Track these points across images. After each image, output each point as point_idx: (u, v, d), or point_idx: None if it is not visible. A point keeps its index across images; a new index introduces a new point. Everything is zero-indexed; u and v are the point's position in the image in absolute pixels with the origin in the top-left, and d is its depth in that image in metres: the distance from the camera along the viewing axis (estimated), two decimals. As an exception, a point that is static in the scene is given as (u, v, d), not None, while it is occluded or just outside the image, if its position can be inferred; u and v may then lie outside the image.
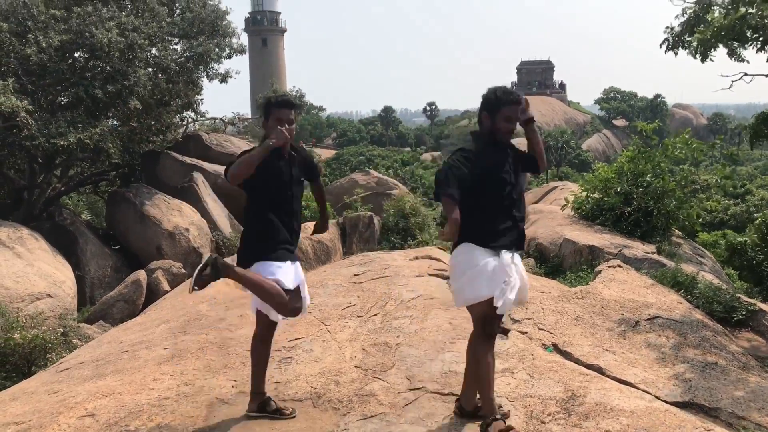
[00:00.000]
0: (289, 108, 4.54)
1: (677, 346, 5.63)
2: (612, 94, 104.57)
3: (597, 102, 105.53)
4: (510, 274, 4.02)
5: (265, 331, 4.68)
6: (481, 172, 4.04)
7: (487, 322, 4.09)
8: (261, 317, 4.60)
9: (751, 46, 9.18)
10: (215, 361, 5.76)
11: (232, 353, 5.90)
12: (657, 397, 4.60)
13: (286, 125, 4.42)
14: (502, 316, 4.17)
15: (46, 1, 18.52)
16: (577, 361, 5.26)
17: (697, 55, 10.04)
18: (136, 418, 4.73)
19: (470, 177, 3.95)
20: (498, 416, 3.94)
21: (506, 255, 4.06)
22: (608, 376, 4.92)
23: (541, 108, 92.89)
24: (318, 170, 4.94)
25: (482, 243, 4.05)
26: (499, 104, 4.16)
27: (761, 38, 8.99)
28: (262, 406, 4.61)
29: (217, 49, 21.42)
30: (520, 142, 4.48)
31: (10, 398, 5.94)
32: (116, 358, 6.49)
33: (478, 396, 4.18)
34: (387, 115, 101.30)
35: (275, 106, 4.50)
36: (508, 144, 4.27)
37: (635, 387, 4.76)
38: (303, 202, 17.62)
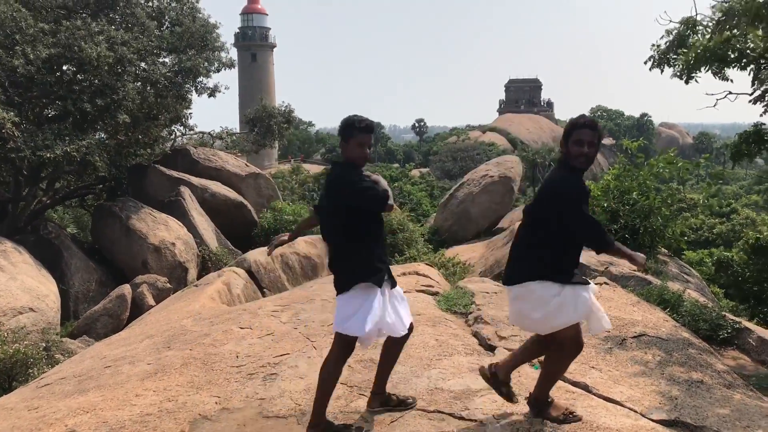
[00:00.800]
0: (370, 133, 4.37)
1: (663, 364, 5.62)
2: (599, 113, 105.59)
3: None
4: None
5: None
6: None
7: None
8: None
9: (735, 68, 9.28)
10: (199, 377, 5.70)
11: (216, 369, 5.84)
12: (643, 415, 4.58)
13: (367, 149, 4.33)
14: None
15: (35, 14, 18.48)
16: (563, 379, 5.22)
17: (682, 76, 10.15)
18: (118, 434, 4.66)
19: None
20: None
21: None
22: (594, 394, 4.90)
23: (528, 126, 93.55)
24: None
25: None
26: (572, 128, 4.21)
27: (744, 60, 9.09)
28: None
29: (206, 63, 21.44)
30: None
31: (-12, 414, 5.83)
32: (99, 373, 6.41)
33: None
34: (376, 131, 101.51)
35: (360, 130, 4.29)
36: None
37: (621, 405, 4.74)
38: (291, 216, 17.47)
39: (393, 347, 4.63)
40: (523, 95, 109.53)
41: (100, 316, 15.76)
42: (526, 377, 5.23)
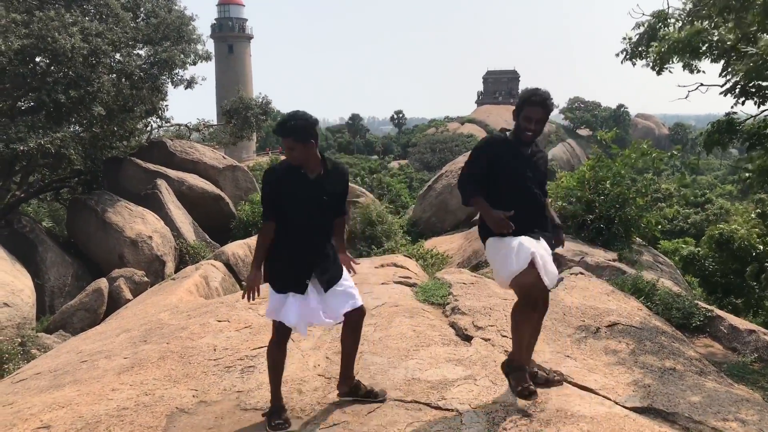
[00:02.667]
0: (285, 136, 4.31)
1: (636, 352, 5.71)
2: (576, 104, 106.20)
3: (562, 112, 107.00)
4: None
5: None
6: None
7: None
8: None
9: (707, 59, 9.40)
10: (176, 370, 5.68)
11: (193, 362, 5.83)
12: (616, 403, 4.65)
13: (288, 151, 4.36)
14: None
15: (7, 4, 18.17)
16: (539, 368, 5.29)
17: (654, 67, 10.26)
18: (94, 429, 4.65)
19: None
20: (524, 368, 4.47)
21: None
22: (569, 383, 4.96)
23: (507, 117, 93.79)
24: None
25: None
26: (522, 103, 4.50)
27: (716, 51, 9.20)
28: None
29: (182, 55, 21.25)
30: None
31: (-38, 410, 5.77)
32: (75, 368, 6.37)
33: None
34: (354, 123, 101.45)
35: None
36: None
37: (595, 393, 4.81)
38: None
39: (346, 337, 4.70)
40: (501, 87, 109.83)
41: (77, 310, 15.62)
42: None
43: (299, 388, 5.07)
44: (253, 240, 17.59)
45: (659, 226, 12.82)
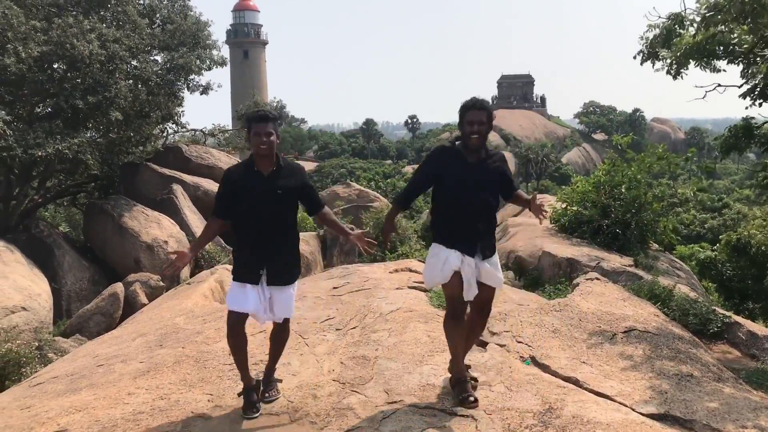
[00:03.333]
0: (266, 122, 4.66)
1: (653, 359, 5.66)
2: (591, 109, 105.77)
3: (577, 116, 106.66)
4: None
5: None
6: None
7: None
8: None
9: (725, 60, 9.32)
10: (191, 374, 5.69)
11: (208, 367, 5.84)
12: (633, 410, 4.62)
13: (264, 138, 4.62)
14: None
15: (26, 12, 18.37)
16: (555, 374, 5.27)
17: (670, 71, 10.17)
18: (110, 433, 4.67)
19: None
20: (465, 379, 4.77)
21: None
22: (585, 389, 4.93)
23: (521, 122, 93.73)
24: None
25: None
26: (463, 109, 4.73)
27: (733, 55, 9.12)
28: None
29: (198, 61, 21.36)
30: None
31: (-20, 413, 5.82)
32: (91, 372, 6.40)
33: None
34: (368, 127, 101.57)
35: (253, 120, 4.68)
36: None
37: (612, 399, 4.78)
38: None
39: (273, 338, 5.15)
40: (516, 91, 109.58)
41: (93, 314, 15.73)
42: (518, 372, 5.26)
43: (314, 393, 5.07)
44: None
45: (676, 232, 12.73)
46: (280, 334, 5.08)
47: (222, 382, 5.44)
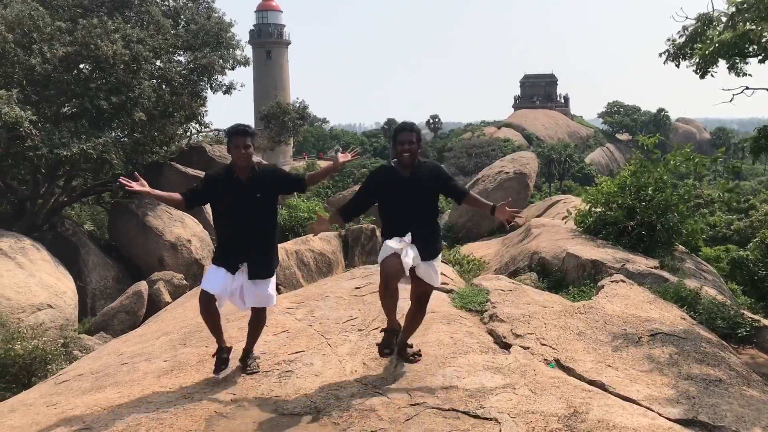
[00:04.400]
0: (245, 136, 5.20)
1: (680, 362, 5.57)
2: (615, 108, 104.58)
3: (600, 116, 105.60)
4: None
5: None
6: None
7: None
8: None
9: (756, 57, 9.17)
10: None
11: (231, 366, 5.84)
12: (660, 414, 4.54)
13: (242, 150, 5.18)
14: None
15: (52, 13, 18.60)
16: (580, 377, 5.20)
17: (698, 71, 10.04)
18: (134, 431, 4.68)
19: None
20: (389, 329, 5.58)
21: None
22: (611, 393, 4.86)
23: (544, 121, 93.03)
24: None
25: None
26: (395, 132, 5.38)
27: (763, 53, 8.98)
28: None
29: (221, 61, 21.49)
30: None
31: (8, 410, 5.88)
32: (115, 370, 6.43)
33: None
34: (390, 127, 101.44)
35: (233, 134, 5.22)
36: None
37: (638, 404, 4.70)
38: (306, 214, 17.61)
39: (252, 321, 5.68)
40: (539, 91, 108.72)
41: (117, 312, 15.88)
42: (542, 375, 5.21)
43: (336, 393, 5.05)
44: (290, 244, 17.71)
45: (702, 234, 12.53)
46: (256, 321, 5.64)
47: (245, 382, 5.44)
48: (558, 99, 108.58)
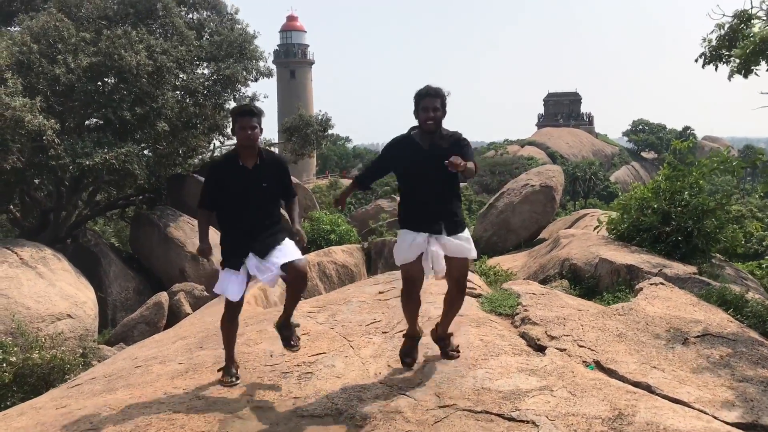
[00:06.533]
0: (251, 116, 4.91)
1: (732, 364, 5.15)
2: (640, 126, 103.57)
3: (625, 134, 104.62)
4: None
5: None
6: None
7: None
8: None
9: None
10: (231, 375, 5.41)
11: (248, 368, 5.56)
12: (715, 417, 4.14)
13: (249, 131, 4.87)
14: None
15: (77, 24, 18.65)
16: (623, 379, 4.82)
17: (740, 71, 9.62)
18: (144, 431, 4.39)
19: None
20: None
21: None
22: (658, 395, 4.47)
23: (568, 139, 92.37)
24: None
25: None
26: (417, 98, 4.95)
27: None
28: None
29: (244, 72, 21.41)
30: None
31: (17, 413, 5.69)
32: (129, 372, 6.19)
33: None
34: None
35: (238, 114, 4.93)
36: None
37: (689, 406, 4.31)
38: (328, 226, 17.39)
39: (287, 291, 5.24)
40: (562, 109, 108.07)
41: (137, 323, 15.68)
42: (581, 377, 4.83)
43: (359, 395, 4.73)
44: (312, 256, 17.45)
45: (742, 241, 12.02)
46: (294, 283, 5.10)
47: (262, 383, 5.15)
48: (582, 117, 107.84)
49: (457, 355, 5.32)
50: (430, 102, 4.87)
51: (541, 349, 5.57)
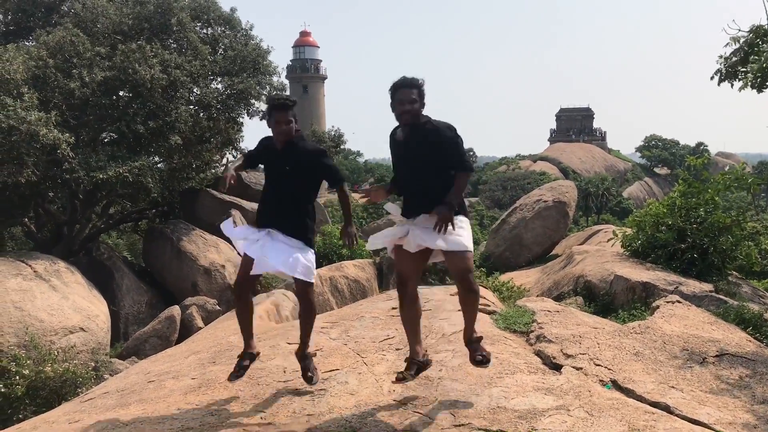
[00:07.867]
0: (285, 110, 4.97)
1: (752, 385, 5.06)
2: (653, 142, 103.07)
3: (638, 150, 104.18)
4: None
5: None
6: None
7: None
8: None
9: None
10: (244, 391, 5.39)
11: (262, 383, 5.53)
12: (737, 440, 4.07)
13: (284, 126, 4.95)
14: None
15: (92, 38, 18.83)
16: (641, 399, 4.75)
17: (754, 86, 9.56)
18: (156, 448, 4.37)
19: None
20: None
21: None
22: (677, 415, 4.40)
23: (580, 155, 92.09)
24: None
25: None
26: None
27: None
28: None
29: (258, 87, 21.51)
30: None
31: (30, 427, 5.69)
32: (141, 387, 6.17)
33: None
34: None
35: (274, 108, 5.01)
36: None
37: (710, 428, 4.23)
38: (340, 241, 17.33)
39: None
40: (575, 124, 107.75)
41: (150, 337, 15.70)
42: (598, 397, 4.76)
43: (373, 413, 4.70)
44: (324, 270, 17.42)
45: (759, 258, 11.91)
46: (301, 308, 5.27)
47: (276, 400, 5.11)
48: (594, 133, 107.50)
49: (484, 360, 4.83)
50: (404, 94, 4.69)
51: (556, 367, 5.51)
